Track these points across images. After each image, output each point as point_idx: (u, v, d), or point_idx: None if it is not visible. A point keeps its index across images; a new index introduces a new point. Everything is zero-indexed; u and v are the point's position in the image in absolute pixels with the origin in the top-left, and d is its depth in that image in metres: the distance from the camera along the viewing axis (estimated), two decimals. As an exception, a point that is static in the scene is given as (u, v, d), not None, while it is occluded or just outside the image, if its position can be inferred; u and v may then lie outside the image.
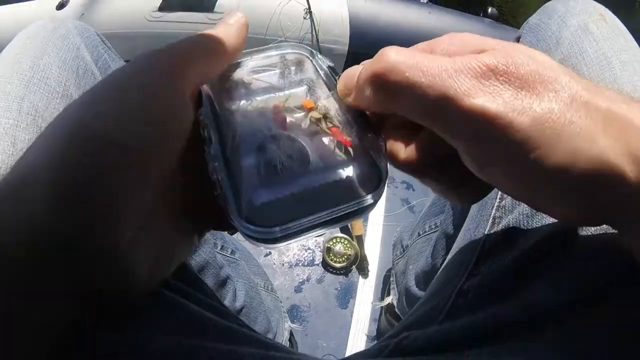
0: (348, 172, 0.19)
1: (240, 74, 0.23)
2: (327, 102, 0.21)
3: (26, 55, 0.34)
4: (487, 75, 0.17)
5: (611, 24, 0.35)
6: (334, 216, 0.18)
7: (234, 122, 0.20)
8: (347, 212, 0.18)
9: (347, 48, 1.09)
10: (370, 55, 0.20)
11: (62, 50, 0.36)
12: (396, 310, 0.70)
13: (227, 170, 0.18)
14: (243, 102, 0.22)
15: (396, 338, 0.32)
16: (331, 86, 0.22)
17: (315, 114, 0.21)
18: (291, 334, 0.77)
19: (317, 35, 1.07)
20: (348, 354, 0.80)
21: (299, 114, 0.21)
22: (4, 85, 0.32)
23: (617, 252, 0.24)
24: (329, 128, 0.20)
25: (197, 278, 0.39)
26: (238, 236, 0.93)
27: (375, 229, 0.96)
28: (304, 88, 0.22)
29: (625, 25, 0.36)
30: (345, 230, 0.94)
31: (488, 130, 0.17)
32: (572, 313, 0.25)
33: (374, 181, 0.19)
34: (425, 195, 1.02)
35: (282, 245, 0.18)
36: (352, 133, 0.20)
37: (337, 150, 0.20)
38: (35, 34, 0.37)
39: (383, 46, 0.19)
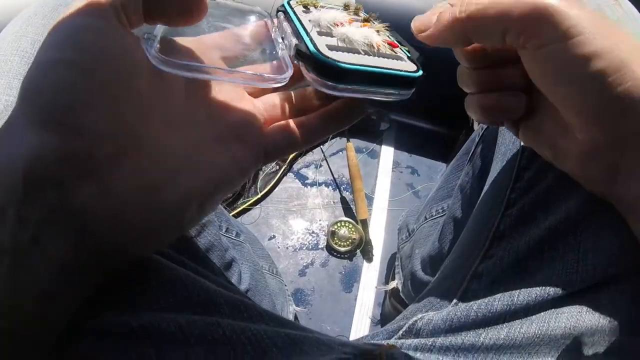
0: (392, 58, 0.26)
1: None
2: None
3: (27, 33, 0.33)
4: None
5: (626, 9, 0.34)
6: (378, 70, 0.24)
7: (315, 18, 0.28)
8: (390, 72, 0.24)
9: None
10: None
11: None
12: (401, 294, 0.70)
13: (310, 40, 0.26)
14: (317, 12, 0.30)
15: (409, 320, 0.32)
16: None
17: (378, 27, 0.28)
18: (295, 317, 0.77)
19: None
20: (352, 337, 0.80)
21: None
22: (5, 64, 0.31)
23: None
24: (384, 41, 0.27)
25: (206, 257, 0.39)
26: (242, 219, 0.93)
27: (379, 213, 0.96)
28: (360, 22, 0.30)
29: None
30: (349, 214, 0.94)
31: (545, 23, 0.22)
32: (592, 292, 0.25)
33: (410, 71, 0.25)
34: (430, 180, 1.01)
35: (342, 88, 0.24)
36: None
37: (387, 46, 0.27)
38: (36, 13, 0.36)
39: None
